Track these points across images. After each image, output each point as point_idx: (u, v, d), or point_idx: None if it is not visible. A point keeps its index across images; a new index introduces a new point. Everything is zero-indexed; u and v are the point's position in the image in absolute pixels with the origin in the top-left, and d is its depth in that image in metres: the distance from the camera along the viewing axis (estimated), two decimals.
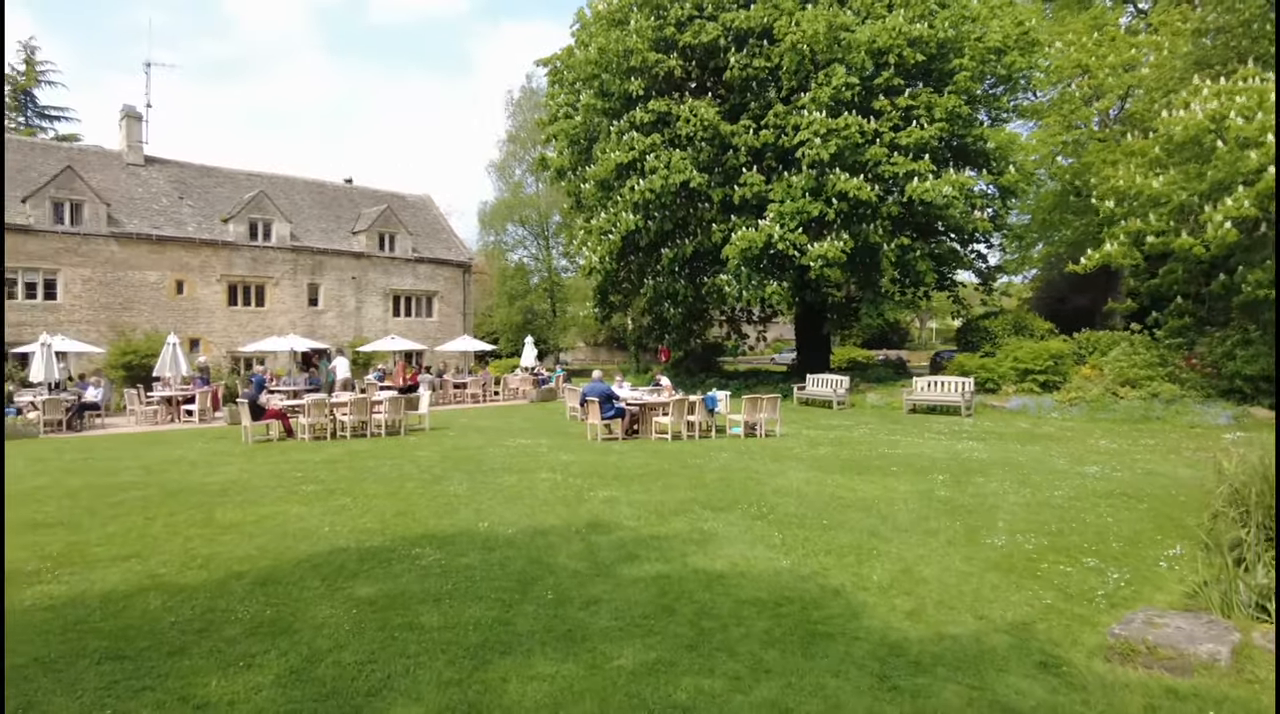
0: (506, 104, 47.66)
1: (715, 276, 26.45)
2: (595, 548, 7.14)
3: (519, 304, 47.19)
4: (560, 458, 13.05)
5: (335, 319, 32.92)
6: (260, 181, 33.70)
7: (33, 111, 44.45)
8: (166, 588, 5.96)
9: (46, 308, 26.03)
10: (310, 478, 11.19)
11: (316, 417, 16.48)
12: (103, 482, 10.99)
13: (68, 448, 15.30)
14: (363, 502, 9.37)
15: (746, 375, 33.04)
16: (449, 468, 12.04)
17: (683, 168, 24.51)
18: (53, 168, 27.02)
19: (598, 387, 15.83)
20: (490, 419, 20.94)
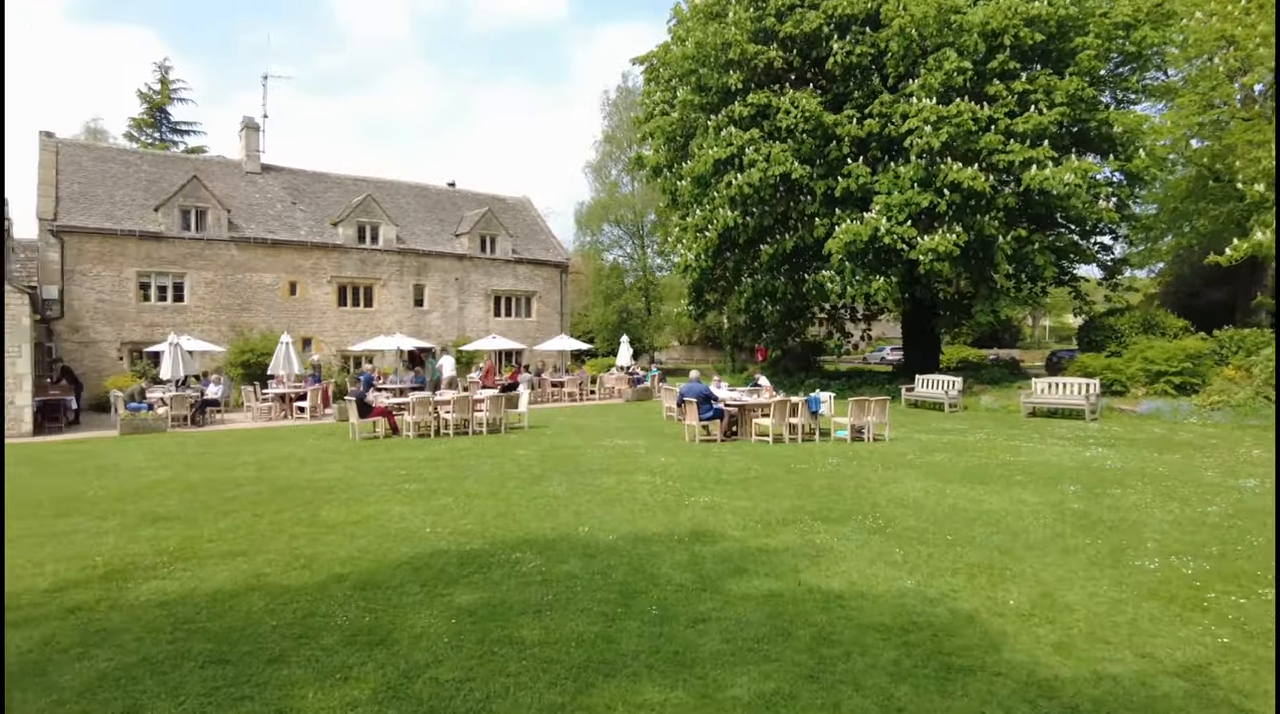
0: (603, 104, 47.85)
1: (817, 273, 25.59)
2: (700, 559, 6.76)
3: (614, 303, 47.29)
4: (658, 460, 12.74)
5: (439, 319, 33.75)
6: (367, 186, 34.92)
7: (166, 127, 47.57)
8: (270, 589, 5.95)
9: (175, 309, 27.68)
10: (413, 476, 11.27)
11: (421, 414, 16.76)
12: (219, 477, 11.38)
13: (190, 442, 16.08)
14: (464, 502, 9.31)
15: (849, 375, 31.95)
16: (548, 468, 11.92)
17: (783, 159, 23.81)
18: (180, 178, 28.71)
19: (695, 387, 15.44)
20: (587, 418, 20.87)
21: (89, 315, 26.00)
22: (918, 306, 28.51)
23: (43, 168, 27.11)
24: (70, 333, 25.67)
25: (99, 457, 14.05)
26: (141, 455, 14.07)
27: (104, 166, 28.81)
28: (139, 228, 26.88)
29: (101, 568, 6.56)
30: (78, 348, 25.74)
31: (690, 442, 15.24)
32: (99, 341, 25.98)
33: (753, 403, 15.90)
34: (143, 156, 31.18)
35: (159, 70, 47.29)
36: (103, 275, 26.23)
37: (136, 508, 9.05)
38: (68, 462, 13.49)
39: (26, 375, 18.52)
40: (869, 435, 15.65)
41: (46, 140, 28.32)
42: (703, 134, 27.59)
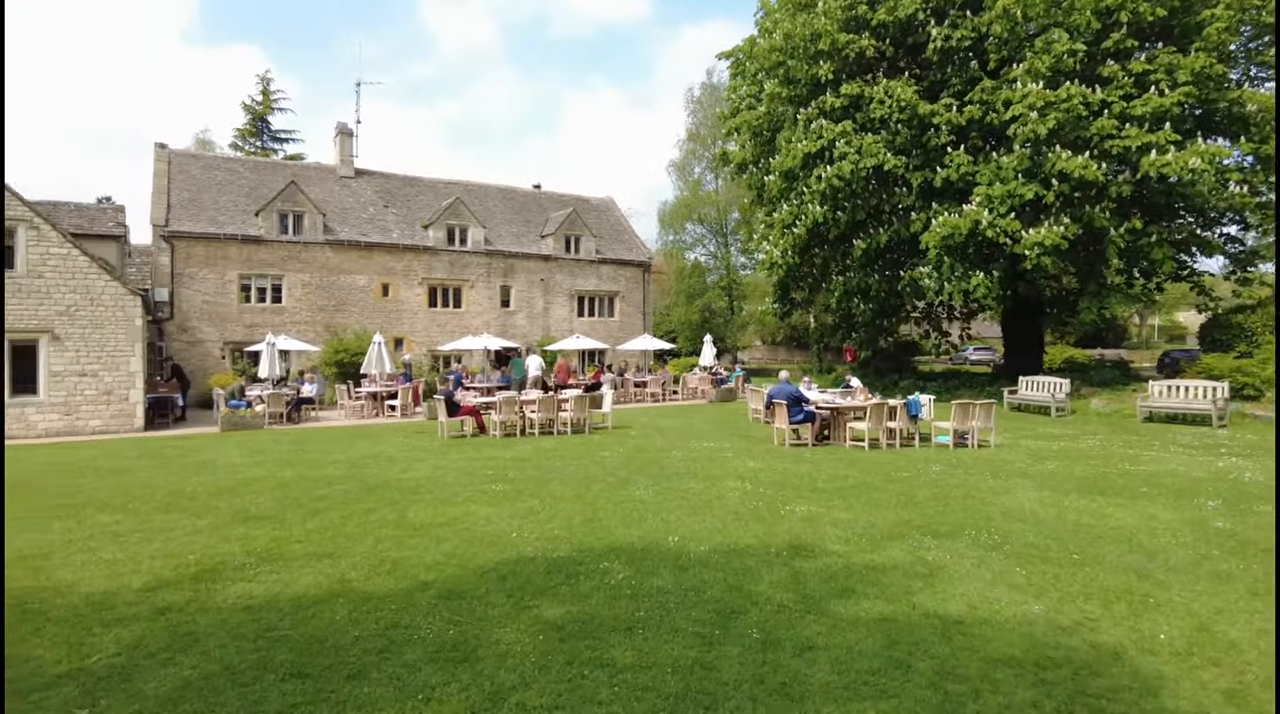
0: (686, 102, 47.40)
1: (912, 269, 24.50)
2: (801, 576, 6.26)
3: (696, 303, 46.76)
4: (747, 464, 12.24)
5: (525, 319, 34.02)
6: (456, 189, 35.54)
7: (268, 136, 49.71)
8: (354, 595, 5.79)
9: (274, 310, 28.72)
10: (499, 476, 11.12)
11: (507, 414, 16.72)
12: (310, 475, 11.50)
13: (284, 440, 16.48)
14: (550, 505, 9.06)
15: (944, 377, 30.57)
16: (633, 471, 11.58)
17: (875, 151, 22.91)
18: (279, 184, 29.79)
19: (785, 388, 14.84)
20: (671, 419, 20.50)
21: (195, 316, 27.23)
22: (1019, 304, 26.98)
23: (156, 177, 28.56)
24: (179, 333, 26.94)
25: (200, 452, 14.52)
26: (239, 452, 14.45)
27: (210, 174, 30.17)
28: (241, 232, 27.99)
29: (193, 567, 6.55)
30: (185, 347, 26.98)
31: (779, 446, 14.67)
32: (204, 341, 27.18)
33: (847, 406, 15.19)
34: (245, 163, 32.55)
35: (261, 82, 49.51)
36: (208, 278, 27.42)
37: (230, 505, 9.16)
38: (174, 457, 13.97)
39: (139, 373, 19.42)
40: (973, 441, 14.74)
41: (160, 151, 29.83)
42: (790, 127, 26.84)
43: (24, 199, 18.53)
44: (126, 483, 10.92)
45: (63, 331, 18.66)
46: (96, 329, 18.97)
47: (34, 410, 18.46)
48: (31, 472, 12.30)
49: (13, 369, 18.28)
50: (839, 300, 27.48)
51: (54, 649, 4.80)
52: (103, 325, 19.03)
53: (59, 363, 18.64)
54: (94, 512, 8.89)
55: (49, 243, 18.56)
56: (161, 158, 29.54)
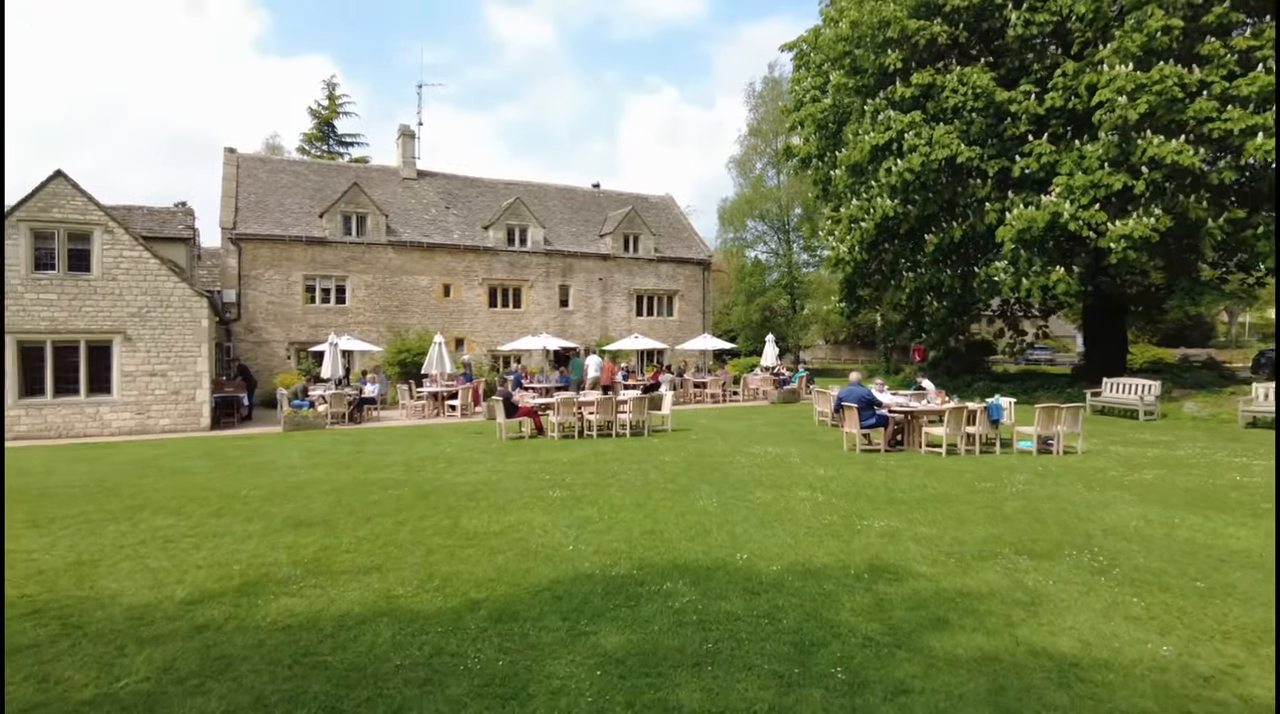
0: (748, 96, 46.54)
1: (987, 264, 23.31)
2: (886, 603, 5.64)
3: (757, 301, 45.87)
4: (816, 472, 11.57)
5: (583, 319, 33.77)
6: (516, 189, 35.50)
7: (334, 140, 50.71)
8: (400, 614, 5.40)
9: (337, 311, 29.07)
10: (557, 481, 10.71)
11: (565, 415, 16.36)
12: (367, 478, 11.29)
13: (345, 440, 16.43)
14: (608, 514, 8.59)
15: (1020, 377, 29.15)
16: (695, 478, 11.04)
17: (948, 142, 21.86)
18: (343, 186, 30.15)
19: (856, 391, 14.08)
20: (732, 421, 19.86)
21: (262, 316, 27.71)
22: (1101, 301, 25.53)
23: (225, 180, 29.20)
24: (246, 333, 27.45)
25: (260, 453, 14.53)
26: (298, 453, 14.41)
27: (276, 177, 30.73)
28: (305, 233, 28.39)
29: (238, 578, 6.28)
30: (252, 347, 27.48)
31: (850, 451, 13.92)
32: (270, 341, 27.64)
33: (923, 409, 14.34)
34: (309, 166, 33.08)
35: (326, 87, 50.51)
36: (273, 279, 27.88)
37: (283, 511, 8.95)
38: (234, 457, 14.00)
39: (205, 373, 19.72)
40: (1058, 447, 13.75)
41: (229, 155, 30.51)
42: (857, 119, 25.90)
43: (99, 204, 18.97)
44: (184, 485, 10.87)
45: (134, 332, 19.04)
46: (165, 330, 19.32)
47: (108, 409, 18.89)
48: (101, 471, 12.42)
49: (88, 369, 18.73)
50: (909, 298, 26.39)
51: (84, 670, 4.52)
52: (171, 326, 19.37)
53: (131, 363, 19.04)
54: (149, 515, 8.78)
55: (122, 246, 18.96)
56: (230, 162, 30.20)
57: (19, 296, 18.08)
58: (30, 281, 18.20)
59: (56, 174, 18.45)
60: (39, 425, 18.29)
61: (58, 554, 7.09)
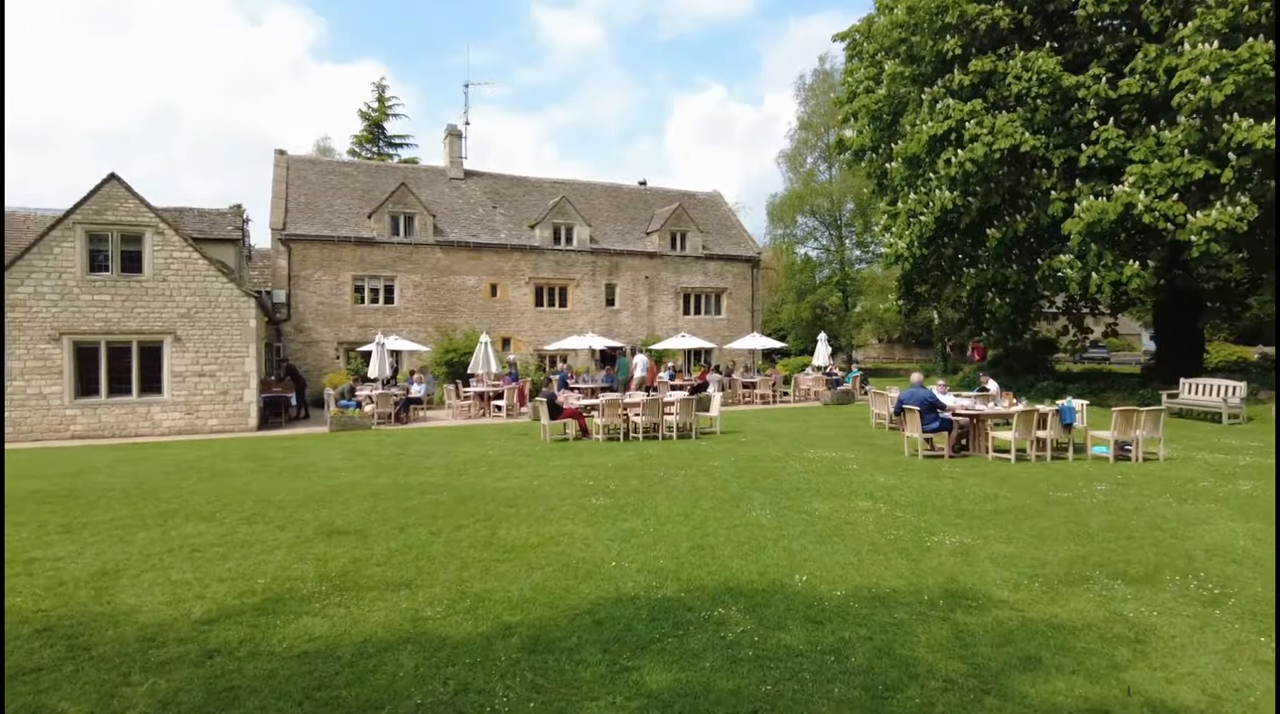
0: (797, 90, 45.49)
1: (1051, 258, 22.13)
2: (967, 636, 4.99)
3: (808, 299, 44.85)
4: (877, 480, 10.86)
5: (630, 318, 33.32)
6: (563, 188, 35.21)
7: (383, 142, 51.15)
8: (426, 641, 4.94)
9: (386, 311, 29.11)
10: (600, 488, 10.22)
11: (610, 417, 15.88)
12: (406, 481, 10.96)
13: (389, 441, 16.20)
14: (654, 526, 8.05)
15: (1084, 377, 27.77)
16: (746, 485, 10.43)
17: (1011, 131, 20.82)
18: (391, 186, 30.20)
19: (918, 393, 13.29)
20: (783, 423, 19.15)
21: (311, 317, 27.88)
22: (1175, 297, 24.08)
23: (275, 182, 29.48)
24: (295, 333, 27.64)
25: (303, 454, 14.36)
26: (340, 455, 14.20)
27: (325, 178, 30.93)
28: (354, 234, 28.48)
29: (260, 594, 5.91)
30: (302, 348, 27.66)
31: (911, 457, 13.15)
32: (319, 341, 27.79)
33: (990, 412, 13.48)
34: (358, 167, 33.27)
35: (376, 89, 50.97)
36: (323, 279, 28.02)
37: (316, 517, 8.63)
38: (277, 459, 13.85)
39: (253, 373, 19.77)
40: (1136, 454, 12.78)
41: (279, 157, 30.82)
42: (914, 110, 24.93)
43: (151, 206, 19.14)
44: (223, 488, 10.67)
45: (184, 333, 19.17)
46: (214, 330, 19.41)
47: (159, 409, 19.04)
48: (145, 472, 12.35)
49: (139, 369, 18.91)
50: (970, 294, 25.28)
51: (81, 702, 4.15)
52: (220, 326, 19.46)
53: (180, 363, 19.17)
54: (181, 521, 8.54)
55: (173, 247, 19.10)
56: (280, 163, 30.50)
57: (74, 298, 18.32)
58: (85, 283, 18.43)
59: (110, 177, 18.66)
60: (94, 425, 18.52)
61: (83, 563, 6.84)
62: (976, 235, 24.79)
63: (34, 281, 18.10)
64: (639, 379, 24.32)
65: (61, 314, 18.26)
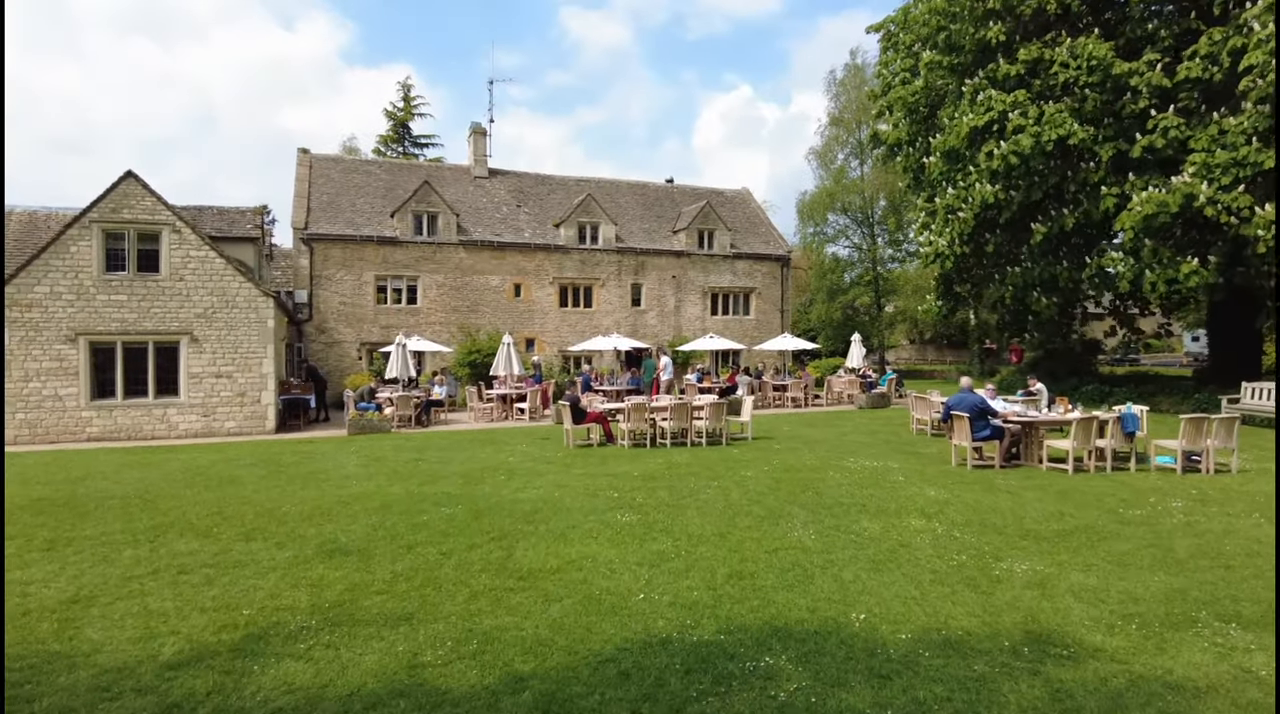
0: (828, 85, 44.39)
1: (1101, 255, 21.00)
2: (1067, 698, 4.15)
3: (839, 299, 43.77)
4: (926, 493, 9.99)
5: (656, 319, 32.55)
6: (588, 186, 34.52)
7: (409, 142, 50.89)
8: (423, 696, 4.21)
9: (408, 311, 28.63)
10: (626, 501, 9.46)
11: (637, 422, 15.12)
12: (420, 491, 10.28)
13: (407, 447, 15.59)
14: (686, 548, 7.28)
15: (1131, 380, 26.53)
16: (785, 499, 9.61)
17: (1060, 121, 19.77)
18: (414, 185, 29.70)
19: (968, 398, 12.37)
20: (818, 428, 18.27)
21: (333, 317, 27.46)
22: (1233, 296, 22.79)
23: (298, 181, 29.13)
24: (317, 334, 27.24)
25: (316, 460, 13.76)
26: (355, 461, 13.60)
27: (348, 177, 30.54)
28: (377, 233, 28.03)
29: (242, 628, 5.23)
30: (324, 348, 27.25)
31: (959, 466, 12.25)
32: (341, 342, 27.36)
33: (1046, 420, 12.53)
34: (381, 165, 32.84)
35: (402, 89, 50.74)
36: (345, 279, 27.60)
37: (320, 533, 7.97)
38: (289, 465, 13.28)
39: (271, 375, 19.29)
40: (1207, 465, 11.76)
41: (302, 156, 30.48)
42: (953, 102, 23.92)
43: (168, 203, 18.74)
44: (227, 498, 10.07)
45: (201, 333, 18.74)
46: (231, 331, 18.96)
47: (175, 411, 18.63)
48: (150, 479, 11.82)
49: (156, 371, 18.51)
50: (1013, 294, 24.15)
51: None
52: (237, 327, 19.01)
53: (197, 364, 18.74)
54: (175, 536, 7.92)
55: (189, 246, 18.68)
56: (303, 162, 30.15)
57: (90, 298, 17.95)
58: (102, 282, 18.05)
59: (127, 175, 18.28)
60: (110, 427, 18.14)
61: (56, 588, 6.22)
62: (1019, 232, 23.73)
63: (50, 281, 17.75)
64: (667, 382, 23.56)
65: (78, 314, 17.90)
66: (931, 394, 17.47)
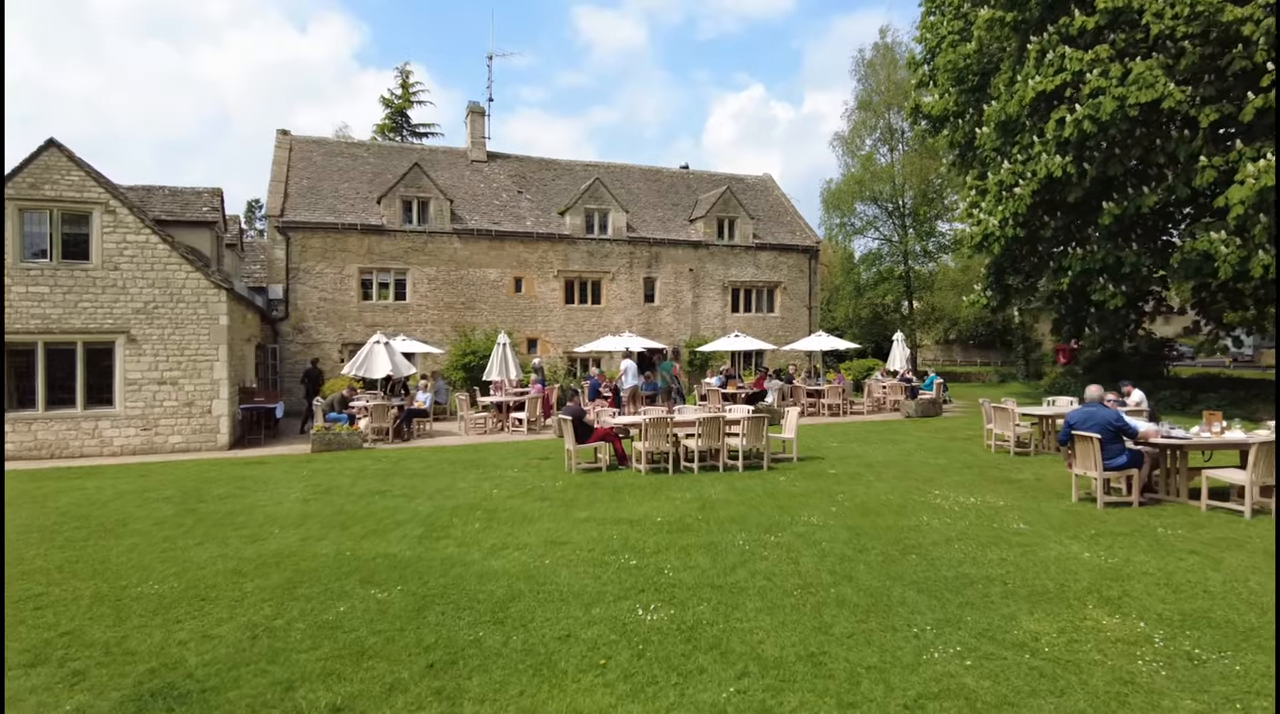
0: (855, 66, 41.19)
1: (1199, 236, 17.91)
2: None
3: (869, 295, 40.67)
4: (1076, 554, 7.00)
5: (671, 316, 29.56)
6: (596, 170, 31.56)
7: (407, 130, 48.03)
8: None
9: (397, 308, 25.76)
10: (649, 577, 6.41)
11: (656, 441, 12.12)
12: (356, 552, 7.33)
13: (372, 470, 12.63)
14: (762, 697, 4.30)
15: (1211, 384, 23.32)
16: (882, 569, 6.59)
17: (1149, 80, 16.76)
18: (404, 169, 26.82)
19: (1098, 414, 9.31)
20: (872, 445, 15.25)
21: (312, 315, 24.62)
22: None
23: (276, 164, 26.32)
24: (295, 333, 24.40)
25: (250, 492, 10.82)
26: (299, 492, 10.70)
27: (332, 160, 27.71)
28: (360, 221, 25.18)
29: None
30: (302, 350, 24.40)
31: (1082, 501, 9.24)
32: (321, 342, 24.49)
33: (1200, 443, 9.47)
34: (369, 148, 29.95)
35: (400, 75, 47.95)
36: (325, 272, 24.75)
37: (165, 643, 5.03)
38: (213, 498, 10.37)
39: (224, 381, 16.42)
40: None
41: (281, 138, 27.67)
42: (1010, 67, 20.92)
43: (101, 179, 15.91)
44: (79, 561, 7.15)
45: (140, 332, 15.90)
46: (177, 329, 16.11)
47: (109, 424, 15.78)
48: (22, 523, 8.94)
49: (86, 376, 15.67)
50: (1072, 282, 21.03)
51: None
52: (183, 324, 16.15)
53: (135, 369, 15.89)
54: None
55: (126, 229, 15.84)
56: (283, 144, 27.34)
57: (5, 290, 15.12)
58: (19, 272, 15.22)
59: (49, 143, 15.44)
60: (28, 444, 15.30)
61: None
62: (1084, 213, 20.68)
63: None
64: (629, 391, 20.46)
65: None
66: (1007, 402, 14.44)
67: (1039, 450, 13.80)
